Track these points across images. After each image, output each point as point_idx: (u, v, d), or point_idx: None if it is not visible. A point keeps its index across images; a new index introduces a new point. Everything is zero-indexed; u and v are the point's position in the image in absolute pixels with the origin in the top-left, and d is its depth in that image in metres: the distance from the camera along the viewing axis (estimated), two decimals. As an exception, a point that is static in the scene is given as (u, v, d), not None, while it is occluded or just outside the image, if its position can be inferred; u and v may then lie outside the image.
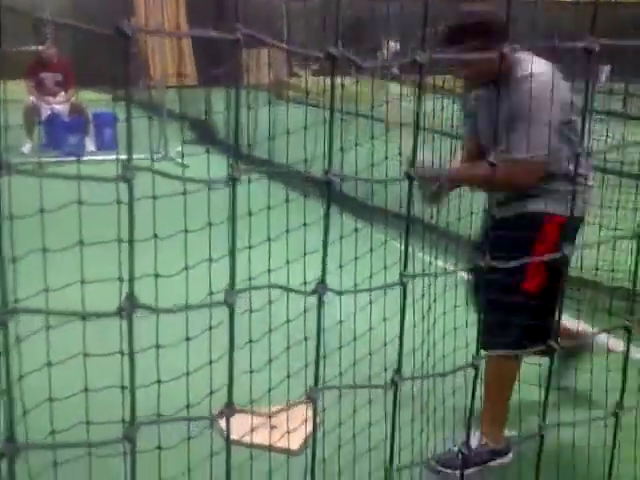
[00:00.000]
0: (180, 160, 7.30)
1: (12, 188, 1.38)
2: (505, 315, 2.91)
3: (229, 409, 0.83)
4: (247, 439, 3.05)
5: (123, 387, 2.20)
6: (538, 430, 0.96)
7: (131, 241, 0.69)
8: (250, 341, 2.65)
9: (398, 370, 0.96)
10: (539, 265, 2.96)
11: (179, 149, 8.32)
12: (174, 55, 13.35)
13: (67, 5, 15.23)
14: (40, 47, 10.72)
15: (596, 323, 3.70)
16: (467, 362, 1.03)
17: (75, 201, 2.09)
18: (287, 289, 0.90)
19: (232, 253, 0.80)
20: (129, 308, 0.70)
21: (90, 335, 2.24)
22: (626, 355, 1.13)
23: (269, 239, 2.73)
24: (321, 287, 0.85)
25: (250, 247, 2.52)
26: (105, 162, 8.46)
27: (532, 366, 3.17)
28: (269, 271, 2.70)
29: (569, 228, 2.93)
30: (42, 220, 2.09)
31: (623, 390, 1.12)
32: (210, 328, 2.38)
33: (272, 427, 3.22)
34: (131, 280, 0.70)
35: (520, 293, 2.99)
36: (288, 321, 2.84)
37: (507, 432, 3.22)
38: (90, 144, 10.29)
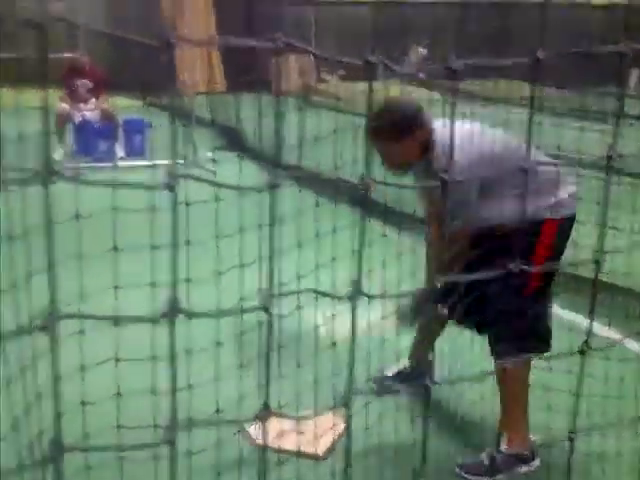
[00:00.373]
0: (209, 167, 7.33)
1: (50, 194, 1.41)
2: (510, 322, 3.02)
3: (265, 412, 0.85)
4: (275, 444, 3.07)
5: (155, 392, 2.23)
6: (568, 436, 0.97)
7: (174, 245, 0.71)
8: (279, 346, 2.67)
9: (427, 375, 0.97)
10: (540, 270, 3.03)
11: (209, 155, 8.38)
12: (203, 62, 13.44)
13: (101, 11, 15.34)
14: (72, 55, 10.84)
15: (627, 329, 3.68)
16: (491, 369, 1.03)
17: (110, 207, 2.11)
18: (323, 294, 0.92)
19: (271, 258, 0.82)
20: (171, 313, 0.72)
21: (122, 340, 2.27)
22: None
23: (299, 245, 2.75)
24: (354, 292, 0.87)
25: (280, 253, 2.53)
26: (136, 168, 8.57)
27: (560, 372, 3.16)
28: (298, 277, 2.72)
29: (563, 230, 3.15)
30: (78, 225, 2.12)
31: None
32: (241, 334, 2.40)
33: (299, 433, 3.23)
34: (174, 285, 0.72)
35: (521, 298, 3.06)
36: (317, 327, 2.85)
37: (532, 436, 3.20)
38: (120, 150, 10.38)
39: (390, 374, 3.82)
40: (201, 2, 14.19)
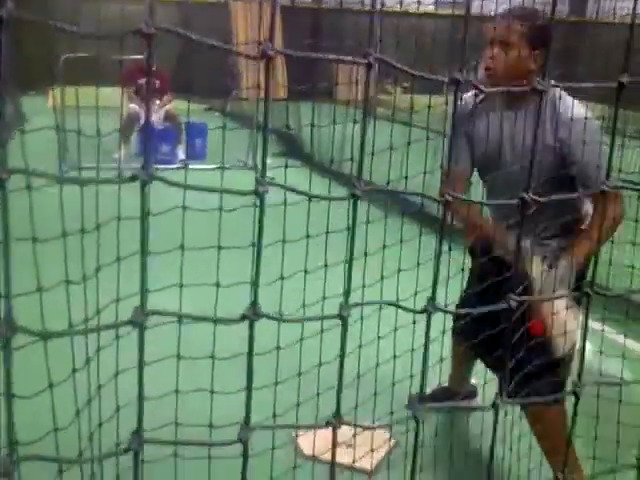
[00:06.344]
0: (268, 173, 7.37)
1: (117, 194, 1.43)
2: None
3: (336, 420, 0.85)
4: (326, 456, 3.07)
5: (212, 392, 2.24)
6: None
7: (259, 247, 0.72)
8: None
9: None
10: None
11: (268, 161, 8.44)
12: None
13: (174, 16, 15.47)
14: (140, 56, 10.99)
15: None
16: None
17: (177, 206, 2.13)
18: (398, 306, 0.92)
19: (349, 267, 0.82)
20: (253, 315, 0.73)
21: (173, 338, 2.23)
22: None
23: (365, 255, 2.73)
24: (432, 306, 0.87)
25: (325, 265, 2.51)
26: (197, 171, 8.62)
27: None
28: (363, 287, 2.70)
29: None
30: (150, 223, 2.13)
31: None
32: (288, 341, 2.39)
33: (350, 446, 3.22)
34: (256, 288, 0.73)
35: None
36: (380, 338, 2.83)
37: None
38: (181, 153, 10.48)
39: (430, 391, 3.76)
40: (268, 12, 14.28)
